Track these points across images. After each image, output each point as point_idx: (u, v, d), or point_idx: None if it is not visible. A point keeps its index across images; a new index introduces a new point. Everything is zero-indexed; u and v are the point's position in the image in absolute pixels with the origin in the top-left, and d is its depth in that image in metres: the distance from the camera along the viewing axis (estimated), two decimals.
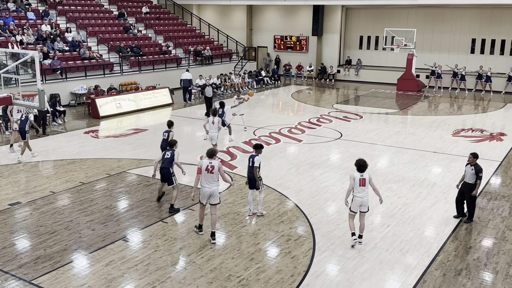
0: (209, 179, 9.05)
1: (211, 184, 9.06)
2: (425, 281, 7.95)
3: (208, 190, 9.06)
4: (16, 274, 7.96)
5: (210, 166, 9.02)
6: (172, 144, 10.78)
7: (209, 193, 9.07)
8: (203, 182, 9.07)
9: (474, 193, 10.10)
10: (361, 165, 8.92)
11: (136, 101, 22.18)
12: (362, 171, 8.91)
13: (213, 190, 9.08)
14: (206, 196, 9.12)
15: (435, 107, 24.36)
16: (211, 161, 9.06)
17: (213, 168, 9.02)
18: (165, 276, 7.97)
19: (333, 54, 33.77)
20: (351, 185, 8.95)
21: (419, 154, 15.39)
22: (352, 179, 8.93)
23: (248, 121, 20.27)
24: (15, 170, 13.31)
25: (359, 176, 8.88)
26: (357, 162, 9.01)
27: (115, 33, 27.96)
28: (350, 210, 9.11)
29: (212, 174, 9.04)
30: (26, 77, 19.13)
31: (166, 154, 10.58)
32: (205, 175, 9.04)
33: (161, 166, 10.56)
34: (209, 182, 9.05)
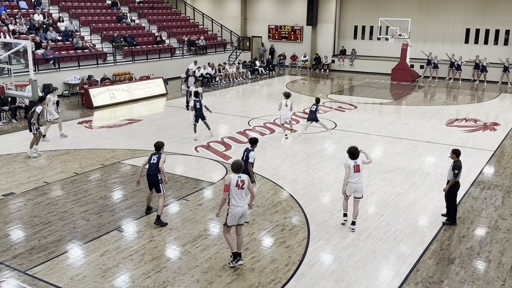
0: (240, 196, 7.78)
1: (243, 202, 7.83)
2: (418, 270, 8.02)
3: (241, 209, 7.78)
4: (10, 265, 7.95)
5: (240, 181, 7.75)
6: (159, 146, 9.60)
7: (241, 212, 7.81)
8: (234, 201, 7.74)
9: (444, 189, 9.68)
10: (353, 152, 9.20)
11: (130, 92, 22.08)
12: (355, 158, 9.18)
13: (245, 209, 7.88)
14: (238, 216, 7.81)
15: (429, 97, 24.41)
16: (240, 175, 7.80)
17: (243, 183, 7.79)
18: (160, 266, 7.99)
19: (327, 44, 33.70)
20: (347, 173, 9.15)
21: (413, 144, 15.45)
22: (348, 167, 9.14)
23: (243, 111, 20.26)
24: (9, 161, 13.24)
25: (353, 163, 9.14)
26: (349, 150, 9.27)
27: (108, 22, 27.74)
28: (344, 193, 9.37)
29: (243, 190, 7.80)
30: (19, 67, 18.99)
31: (153, 159, 9.44)
32: (235, 192, 7.71)
33: (148, 173, 9.47)
34: (241, 199, 7.79)
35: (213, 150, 14.46)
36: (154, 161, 9.41)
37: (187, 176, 12.20)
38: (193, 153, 14.23)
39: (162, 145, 9.64)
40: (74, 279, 7.58)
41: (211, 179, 12.07)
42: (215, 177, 12.27)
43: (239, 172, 7.80)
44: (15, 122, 17.45)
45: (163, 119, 18.64)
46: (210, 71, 26.71)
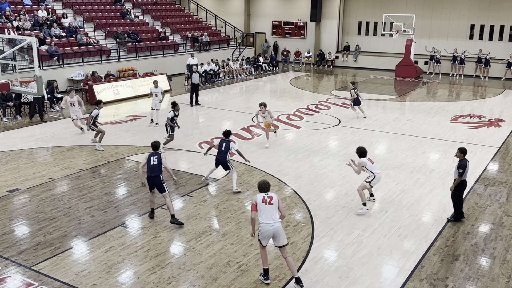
0: (268, 213, 7.28)
1: (274, 220, 7.29)
2: (423, 266, 8.02)
3: (271, 228, 7.26)
4: (16, 260, 8.00)
5: (268, 197, 7.35)
6: (156, 146, 9.44)
7: (272, 231, 7.28)
8: (263, 218, 7.29)
9: (450, 188, 9.66)
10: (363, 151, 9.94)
11: (133, 88, 22.09)
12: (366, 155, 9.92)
13: (277, 227, 7.29)
14: (269, 235, 7.32)
15: (433, 93, 24.33)
16: (267, 193, 7.44)
17: (271, 199, 7.33)
18: (164, 262, 8.02)
19: (331, 40, 33.61)
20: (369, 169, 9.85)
21: (417, 140, 15.41)
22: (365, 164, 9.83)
23: (246, 107, 20.25)
24: (14, 157, 13.29)
25: (366, 159, 9.84)
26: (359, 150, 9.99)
27: (112, 18, 27.74)
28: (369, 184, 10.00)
29: (272, 205, 7.32)
30: (23, 63, 19.04)
31: (152, 160, 9.22)
32: (263, 209, 7.29)
33: (149, 175, 9.26)
34: (269, 217, 7.27)
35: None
36: (154, 163, 9.19)
37: (191, 173, 12.22)
38: (197, 149, 14.25)
39: (159, 145, 9.54)
40: (80, 275, 7.61)
41: (215, 176, 12.07)
42: (219, 173, 12.27)
43: (266, 191, 7.40)
44: (19, 118, 17.52)
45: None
46: (214, 67, 26.69)
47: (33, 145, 14.46)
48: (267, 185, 7.45)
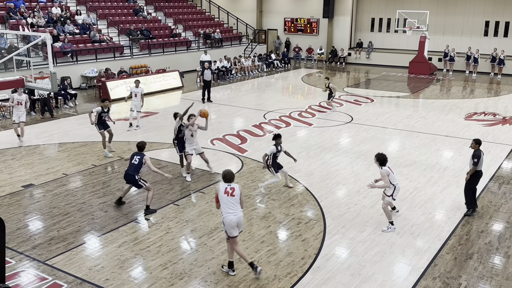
0: (230, 203, 7.41)
1: (236, 210, 7.43)
2: (436, 265, 7.95)
3: (235, 217, 7.38)
4: (30, 255, 8.09)
5: (230, 188, 7.44)
6: (141, 147, 9.74)
7: (236, 220, 7.40)
8: (225, 208, 7.42)
9: (466, 178, 9.84)
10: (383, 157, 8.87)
11: (146, 84, 22.14)
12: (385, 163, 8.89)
13: (240, 216, 7.45)
14: (234, 225, 7.39)
15: (447, 91, 24.10)
16: (230, 184, 7.51)
17: (233, 191, 7.44)
18: (177, 258, 8.05)
19: (344, 36, 33.42)
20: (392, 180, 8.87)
21: (430, 138, 15.28)
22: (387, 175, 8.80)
23: (258, 104, 20.23)
24: (28, 153, 13.43)
25: (388, 168, 8.89)
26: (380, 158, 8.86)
27: (125, 15, 27.88)
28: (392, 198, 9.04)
29: (233, 197, 7.43)
30: (37, 59, 19.23)
31: (134, 159, 9.60)
32: (224, 200, 7.41)
33: (126, 171, 9.75)
34: (230, 206, 7.40)
35: (228, 143, 14.48)
36: (135, 162, 9.61)
37: (203, 169, 12.24)
38: (209, 146, 14.27)
39: (144, 146, 9.83)
40: (93, 270, 7.68)
41: None
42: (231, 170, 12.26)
43: (229, 181, 7.47)
44: (33, 114, 17.69)
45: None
46: (226, 64, 26.71)
47: (47, 141, 14.59)
48: (231, 175, 7.53)
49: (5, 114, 17.27)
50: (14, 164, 12.52)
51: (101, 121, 13.17)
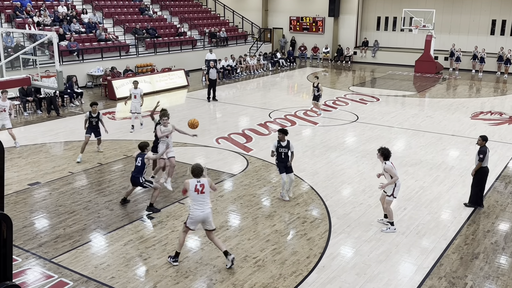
0: (200, 200, 7.53)
1: (205, 207, 7.57)
2: (441, 265, 7.93)
3: (202, 214, 7.53)
4: (36, 253, 8.12)
5: (200, 186, 7.48)
6: (143, 147, 9.67)
7: (203, 217, 7.56)
8: (194, 204, 7.54)
9: (472, 172, 10.07)
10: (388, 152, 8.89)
11: (151, 83, 22.23)
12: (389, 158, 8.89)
13: (208, 213, 7.59)
14: (198, 221, 7.60)
15: (453, 90, 23.99)
16: (199, 180, 7.54)
17: (203, 187, 7.49)
18: (182, 256, 8.06)
19: (349, 35, 33.33)
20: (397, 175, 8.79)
21: (436, 137, 15.22)
22: (393, 169, 8.75)
23: (263, 103, 20.23)
24: (34, 151, 13.49)
25: (391, 163, 8.87)
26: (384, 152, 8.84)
27: (130, 14, 27.94)
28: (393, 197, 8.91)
29: (203, 194, 7.51)
30: (43, 58, 19.30)
31: (138, 161, 9.62)
32: (195, 197, 7.50)
33: (132, 174, 9.81)
34: (200, 204, 7.53)
35: (234, 142, 14.49)
36: (138, 164, 9.64)
37: (208, 168, 12.25)
38: (214, 144, 14.29)
39: (147, 146, 9.77)
40: (99, 268, 7.71)
41: (232, 171, 12.11)
42: (236, 168, 12.30)
43: (198, 176, 7.51)
44: (40, 113, 17.78)
45: (185, 111, 18.75)
46: (231, 63, 26.71)
47: (53, 139, 14.66)
48: (200, 170, 7.53)
49: (11, 112, 17.33)
50: (20, 162, 12.58)
51: (91, 126, 12.76)
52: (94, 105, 12.91)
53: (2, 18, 22.22)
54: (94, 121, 12.82)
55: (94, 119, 12.78)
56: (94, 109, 12.81)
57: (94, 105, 12.91)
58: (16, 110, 17.58)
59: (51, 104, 17.51)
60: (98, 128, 12.96)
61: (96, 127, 12.91)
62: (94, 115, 12.77)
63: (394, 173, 8.74)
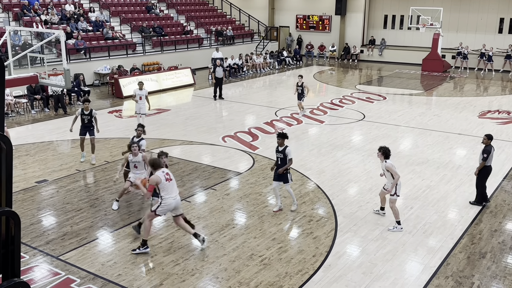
0: (171, 187, 7.90)
1: (177, 193, 8.01)
2: (448, 264, 7.90)
3: (174, 201, 7.89)
4: (43, 250, 8.18)
5: (166, 174, 7.87)
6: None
7: (175, 204, 7.93)
8: (167, 193, 7.84)
9: (475, 172, 10.09)
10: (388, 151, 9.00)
11: (158, 81, 22.29)
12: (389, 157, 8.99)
13: (179, 199, 8.04)
14: (171, 208, 7.96)
15: (460, 88, 23.86)
16: (163, 170, 7.92)
17: (169, 175, 7.92)
18: (188, 254, 8.09)
19: (356, 33, 33.22)
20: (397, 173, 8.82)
21: (443, 136, 15.15)
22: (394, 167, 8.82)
23: (270, 102, 20.23)
24: (42, 149, 13.57)
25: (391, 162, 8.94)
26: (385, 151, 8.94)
27: (137, 13, 28.01)
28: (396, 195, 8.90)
29: (172, 180, 7.92)
30: (51, 56, 19.38)
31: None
32: (167, 186, 7.82)
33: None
34: (173, 190, 7.94)
35: (240, 140, 14.50)
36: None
37: (215, 166, 12.28)
38: (220, 143, 14.30)
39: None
40: (105, 265, 7.75)
41: (238, 169, 12.11)
42: (242, 167, 12.31)
43: (162, 166, 7.95)
44: (47, 111, 17.88)
45: (191, 109, 18.78)
46: (238, 61, 26.71)
47: (60, 137, 14.73)
48: (159, 161, 7.99)
49: (19, 110, 17.47)
50: (28, 160, 12.66)
51: (84, 125, 12.19)
52: (86, 102, 12.32)
53: (10, 17, 22.34)
54: (87, 118, 12.16)
55: (87, 116, 12.15)
56: (86, 106, 12.17)
57: (86, 102, 12.32)
58: (23, 108, 17.71)
59: (59, 102, 17.59)
60: (91, 126, 12.26)
61: (89, 125, 12.21)
62: (86, 112, 12.14)
63: (395, 172, 8.80)
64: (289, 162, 9.38)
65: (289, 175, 9.51)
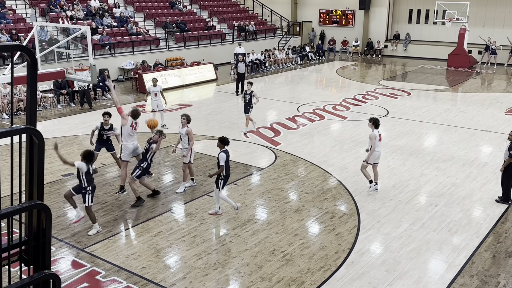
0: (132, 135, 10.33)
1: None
2: (473, 262, 7.78)
3: (132, 145, 10.34)
4: (69, 242, 8.34)
5: (135, 123, 10.22)
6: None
7: (133, 147, 10.36)
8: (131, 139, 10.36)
9: (500, 169, 9.93)
10: (378, 121, 10.21)
11: (181, 77, 22.43)
12: (378, 127, 10.17)
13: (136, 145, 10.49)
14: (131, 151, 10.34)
15: (487, 84, 23.38)
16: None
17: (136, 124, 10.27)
18: (211, 248, 8.15)
19: (380, 28, 32.82)
20: (375, 143, 10.05)
21: (469, 132, 14.89)
22: (374, 138, 10.04)
23: (292, 97, 20.17)
24: (68, 143, 13.82)
25: (377, 133, 10.11)
26: (374, 120, 10.19)
27: (161, 8, 28.21)
28: (367, 163, 10.24)
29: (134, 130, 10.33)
30: (76, 52, 19.66)
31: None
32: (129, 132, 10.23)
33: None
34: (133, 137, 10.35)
35: (262, 136, 14.50)
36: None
37: (237, 161, 12.31)
38: (242, 138, 14.33)
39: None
40: (130, 258, 7.86)
41: (259, 165, 12.13)
42: (264, 162, 12.32)
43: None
44: (73, 105, 18.18)
45: (213, 104, 18.86)
46: (260, 57, 26.69)
47: (85, 131, 14.94)
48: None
49: (46, 105, 17.80)
50: (54, 153, 12.85)
51: (102, 140, 10.92)
52: (106, 115, 10.68)
53: (36, 12, 22.77)
54: (106, 135, 10.84)
55: (106, 132, 10.82)
56: (106, 120, 10.68)
57: (106, 115, 10.68)
58: (50, 103, 18.04)
59: (84, 97, 17.87)
60: (110, 141, 11.04)
61: (107, 140, 10.99)
62: (106, 128, 10.78)
63: (374, 142, 10.03)
64: (220, 168, 9.00)
65: (220, 181, 9.04)
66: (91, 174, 8.53)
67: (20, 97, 16.97)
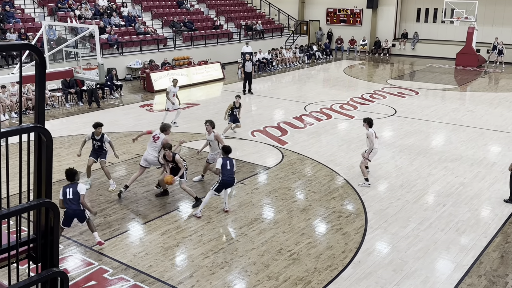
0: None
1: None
2: (481, 263, 7.73)
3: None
4: (77, 240, 8.39)
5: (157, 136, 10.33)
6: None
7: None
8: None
9: (509, 168, 9.90)
10: (372, 121, 10.55)
11: (188, 76, 22.48)
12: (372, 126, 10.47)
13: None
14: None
15: (496, 83, 23.22)
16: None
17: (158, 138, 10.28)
18: (218, 247, 8.16)
19: (388, 27, 32.69)
20: (374, 141, 10.35)
21: (478, 132, 14.79)
22: (371, 135, 10.35)
23: (299, 96, 20.14)
24: (76, 142, 13.89)
25: (373, 131, 10.40)
26: (368, 120, 10.57)
27: (168, 8, 28.27)
28: (369, 160, 10.63)
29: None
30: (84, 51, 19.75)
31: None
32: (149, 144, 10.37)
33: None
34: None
35: (269, 135, 14.50)
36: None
37: (244, 160, 12.32)
38: (249, 137, 14.34)
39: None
40: (137, 256, 7.90)
41: (266, 164, 12.13)
42: (271, 161, 12.32)
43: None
44: (81, 104, 18.28)
45: (220, 103, 18.86)
46: (267, 56, 26.67)
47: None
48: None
49: (54, 103, 17.91)
50: (62, 152, 12.98)
51: (94, 149, 10.62)
52: (98, 127, 10.40)
53: (45, 12, 22.90)
54: (97, 144, 10.53)
55: (97, 142, 10.49)
56: (98, 131, 10.39)
57: (98, 127, 10.40)
58: (58, 102, 18.15)
59: (92, 96, 17.96)
60: (102, 150, 10.62)
61: (99, 150, 10.61)
62: (97, 138, 10.47)
63: (372, 140, 10.33)
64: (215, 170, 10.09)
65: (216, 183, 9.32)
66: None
67: (28, 96, 17.09)
